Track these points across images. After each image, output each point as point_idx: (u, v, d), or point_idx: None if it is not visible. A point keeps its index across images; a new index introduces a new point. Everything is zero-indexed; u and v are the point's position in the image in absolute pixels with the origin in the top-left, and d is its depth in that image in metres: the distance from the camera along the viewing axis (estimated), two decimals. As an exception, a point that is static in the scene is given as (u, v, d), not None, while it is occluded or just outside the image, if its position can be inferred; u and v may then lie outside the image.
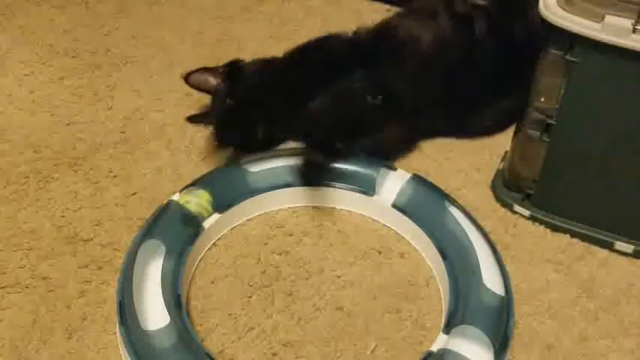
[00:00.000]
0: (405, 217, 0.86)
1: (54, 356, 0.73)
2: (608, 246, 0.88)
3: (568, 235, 0.89)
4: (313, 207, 0.92)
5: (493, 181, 0.98)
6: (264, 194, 0.90)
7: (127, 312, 0.71)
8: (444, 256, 0.80)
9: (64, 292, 0.80)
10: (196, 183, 0.88)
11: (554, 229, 0.90)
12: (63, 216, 0.90)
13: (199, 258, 0.85)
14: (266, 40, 1.23)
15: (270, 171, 0.91)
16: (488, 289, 0.74)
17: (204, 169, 0.97)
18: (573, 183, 0.87)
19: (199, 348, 0.69)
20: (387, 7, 1.35)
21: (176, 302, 0.73)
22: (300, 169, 0.90)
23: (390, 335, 0.77)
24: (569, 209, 0.89)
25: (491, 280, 0.76)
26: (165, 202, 0.85)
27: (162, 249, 0.78)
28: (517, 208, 0.93)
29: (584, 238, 0.89)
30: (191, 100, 1.10)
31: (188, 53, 1.23)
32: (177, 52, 1.23)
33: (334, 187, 0.91)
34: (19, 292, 0.80)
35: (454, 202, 0.86)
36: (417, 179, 0.90)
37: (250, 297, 0.80)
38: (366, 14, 1.33)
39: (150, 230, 0.81)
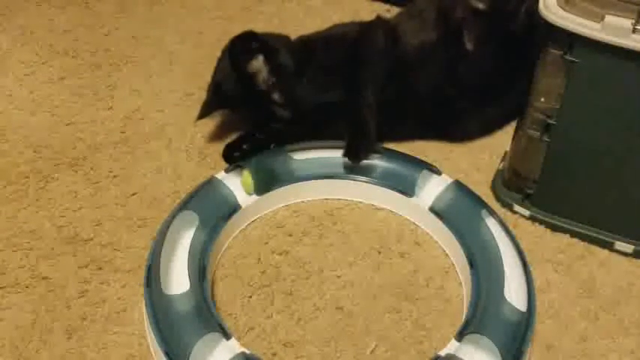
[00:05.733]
0: (440, 222, 0.86)
1: (54, 356, 0.73)
2: (608, 246, 0.88)
3: (568, 235, 0.89)
4: (313, 207, 0.93)
5: (493, 181, 0.98)
6: (303, 183, 0.92)
7: (153, 275, 0.74)
8: (471, 265, 0.79)
9: (64, 292, 0.80)
10: (241, 164, 0.91)
11: (554, 229, 0.90)
12: (63, 216, 0.90)
13: (232, 236, 0.88)
14: (266, 40, 1.23)
15: (313, 161, 0.93)
16: (509, 303, 0.73)
17: (204, 169, 0.97)
18: (573, 183, 0.87)
19: (213, 318, 0.71)
20: (387, 7, 1.35)
21: (200, 272, 0.76)
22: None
23: (390, 335, 0.77)
24: (569, 209, 0.89)
25: (514, 294, 0.74)
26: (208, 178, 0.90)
27: (196, 221, 0.81)
28: (517, 208, 0.93)
29: (584, 238, 0.89)
30: (191, 100, 1.10)
31: (188, 53, 1.23)
32: (177, 52, 1.23)
33: (374, 184, 0.92)
34: (19, 292, 0.80)
35: (492, 213, 0.85)
36: (459, 185, 0.90)
37: (250, 297, 0.80)
38: (366, 14, 1.33)
39: (188, 202, 0.85)
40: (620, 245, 0.87)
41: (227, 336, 0.69)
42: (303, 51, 0.99)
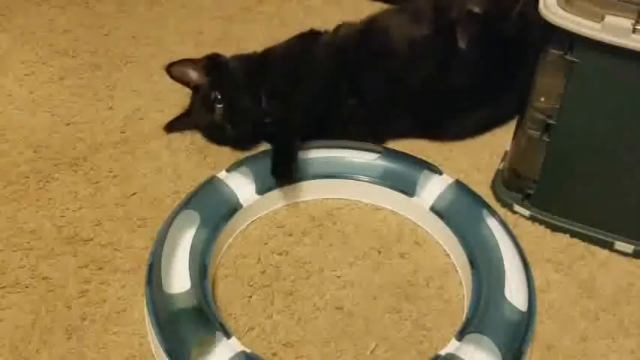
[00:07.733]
0: (440, 222, 0.86)
1: (54, 356, 0.73)
2: (608, 246, 0.88)
3: (568, 235, 0.89)
4: (313, 207, 0.93)
5: (493, 181, 0.98)
6: (304, 182, 0.92)
7: (154, 274, 0.75)
8: (472, 265, 0.79)
9: (64, 292, 0.80)
10: (242, 163, 0.91)
11: (554, 229, 0.90)
12: (63, 216, 0.90)
13: (234, 235, 0.88)
14: (266, 40, 1.22)
15: (313, 161, 0.93)
16: (509, 303, 0.73)
17: (204, 169, 0.97)
18: (573, 183, 0.87)
19: (214, 317, 0.71)
20: (387, 7, 1.35)
21: (201, 271, 0.76)
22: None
23: (390, 335, 0.77)
24: (569, 209, 0.89)
25: (514, 294, 0.74)
26: (209, 178, 0.90)
27: (198, 220, 0.81)
28: (517, 208, 0.93)
29: (584, 238, 0.89)
30: (191, 100, 1.10)
31: (188, 53, 1.23)
32: (177, 52, 1.23)
33: (375, 183, 0.92)
34: (19, 292, 0.80)
35: (493, 213, 0.85)
36: (460, 185, 0.90)
37: (250, 297, 0.80)
38: (366, 14, 1.33)
39: (189, 201, 0.85)
40: (620, 245, 0.87)
41: (228, 335, 0.69)
42: (261, 67, 1.02)
